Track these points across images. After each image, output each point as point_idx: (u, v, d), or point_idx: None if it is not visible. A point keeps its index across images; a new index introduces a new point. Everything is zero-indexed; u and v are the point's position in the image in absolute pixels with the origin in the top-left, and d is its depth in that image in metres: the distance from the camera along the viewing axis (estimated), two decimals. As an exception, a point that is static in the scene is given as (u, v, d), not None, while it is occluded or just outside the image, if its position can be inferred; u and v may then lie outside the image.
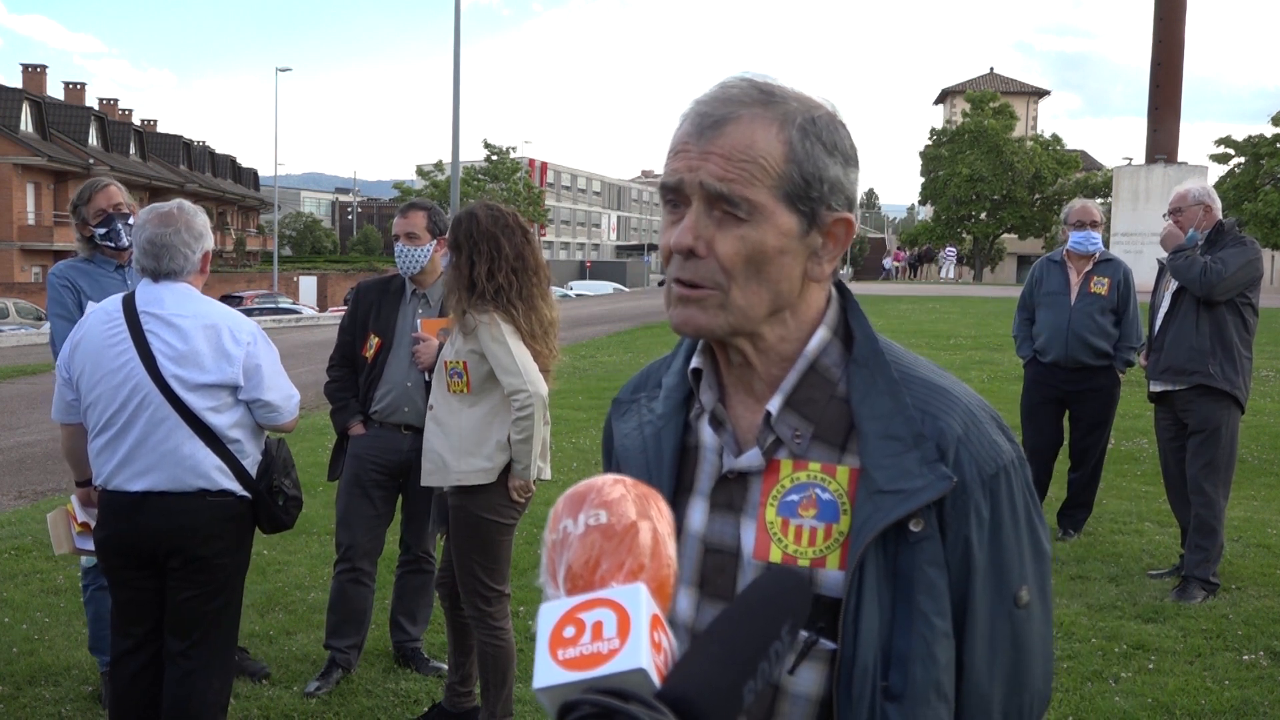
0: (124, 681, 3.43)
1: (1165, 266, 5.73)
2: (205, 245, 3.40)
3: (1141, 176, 31.01)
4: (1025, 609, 1.25)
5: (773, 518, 1.23)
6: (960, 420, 1.22)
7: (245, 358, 3.30)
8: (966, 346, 16.47)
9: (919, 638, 1.18)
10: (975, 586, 1.21)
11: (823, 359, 1.27)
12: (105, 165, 48.72)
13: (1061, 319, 6.45)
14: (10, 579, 5.95)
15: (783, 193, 1.21)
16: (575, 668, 0.81)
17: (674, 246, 1.21)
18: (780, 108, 1.22)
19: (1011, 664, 1.24)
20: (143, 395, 3.22)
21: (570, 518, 0.92)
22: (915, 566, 1.18)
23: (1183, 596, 5.38)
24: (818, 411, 1.25)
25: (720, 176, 1.18)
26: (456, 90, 27.08)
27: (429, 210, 4.60)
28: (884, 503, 1.18)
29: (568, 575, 0.89)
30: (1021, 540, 1.25)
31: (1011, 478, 1.24)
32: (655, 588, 0.88)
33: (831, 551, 1.21)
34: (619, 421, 1.44)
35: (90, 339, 3.31)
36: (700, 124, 1.21)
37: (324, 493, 7.06)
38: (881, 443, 1.20)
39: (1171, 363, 5.49)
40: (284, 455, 3.48)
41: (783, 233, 1.21)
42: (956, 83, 76.58)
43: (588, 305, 34.31)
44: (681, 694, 0.80)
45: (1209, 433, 5.44)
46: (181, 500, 3.26)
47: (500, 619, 3.92)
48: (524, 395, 3.75)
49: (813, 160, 1.22)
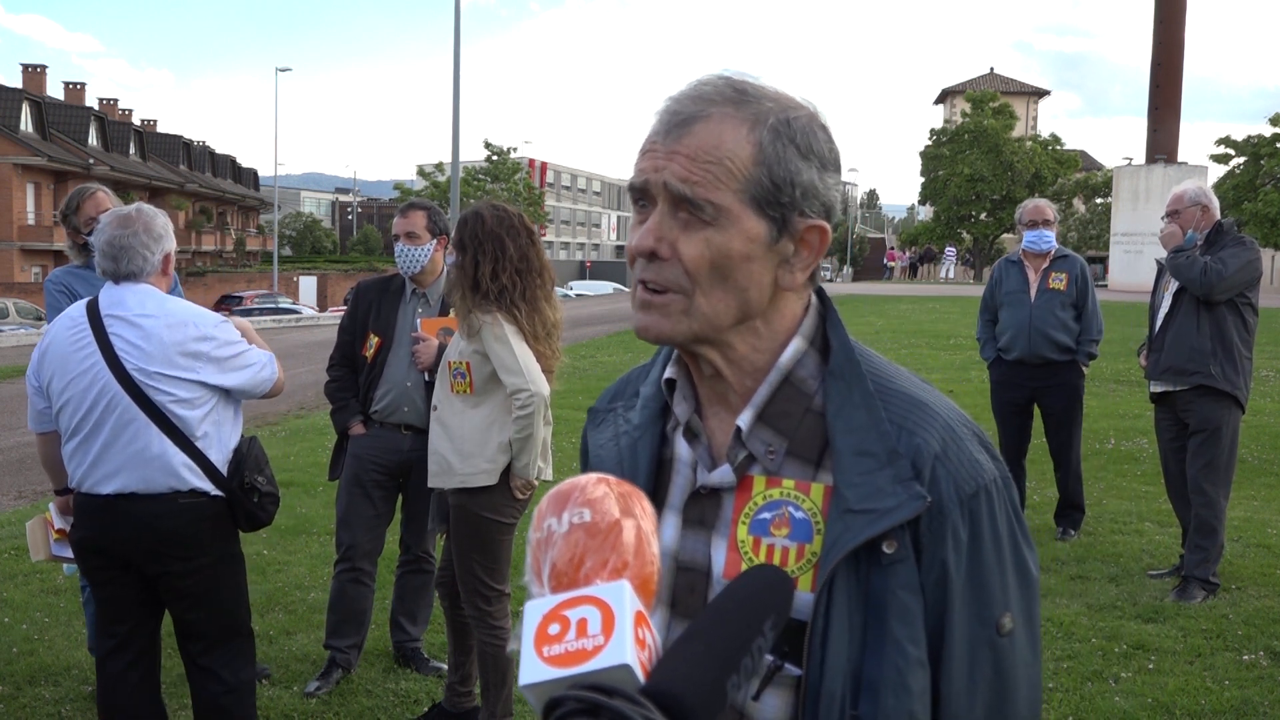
0: (110, 680, 3.43)
1: (1164, 267, 5.75)
2: (165, 247, 3.38)
3: (1141, 176, 31.02)
4: (1008, 637, 1.18)
5: (744, 536, 1.19)
6: (938, 436, 1.17)
7: (212, 349, 3.30)
8: (966, 346, 16.45)
9: (891, 665, 1.12)
10: (953, 612, 1.15)
11: (798, 371, 1.22)
12: (105, 165, 48.79)
13: (1023, 316, 6.52)
14: (10, 579, 5.96)
15: (749, 196, 1.16)
16: (560, 664, 0.82)
17: (636, 249, 1.17)
18: (753, 107, 1.17)
19: (995, 694, 1.18)
20: (110, 397, 3.23)
21: (554, 516, 0.92)
22: (888, 590, 1.13)
23: (1183, 596, 5.38)
24: (792, 426, 1.20)
25: (684, 178, 1.14)
26: (456, 90, 27.09)
27: (429, 210, 4.61)
28: (854, 523, 1.13)
29: (552, 573, 0.89)
30: (1004, 564, 1.18)
31: (993, 497, 1.18)
32: (639, 585, 0.88)
33: (804, 573, 1.15)
34: (594, 431, 1.39)
35: (56, 344, 3.33)
36: (669, 122, 1.17)
37: (324, 493, 7.07)
38: (854, 459, 1.15)
39: (1172, 363, 5.50)
40: (255, 452, 3.44)
41: (750, 238, 1.16)
42: (956, 83, 76.63)
43: (588, 305, 34.32)
44: (666, 689, 0.80)
45: (1209, 433, 5.44)
46: (153, 503, 3.25)
47: (500, 619, 3.93)
48: (525, 394, 3.76)
49: (784, 164, 1.16)
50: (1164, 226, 5.63)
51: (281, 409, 12.52)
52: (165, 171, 60.73)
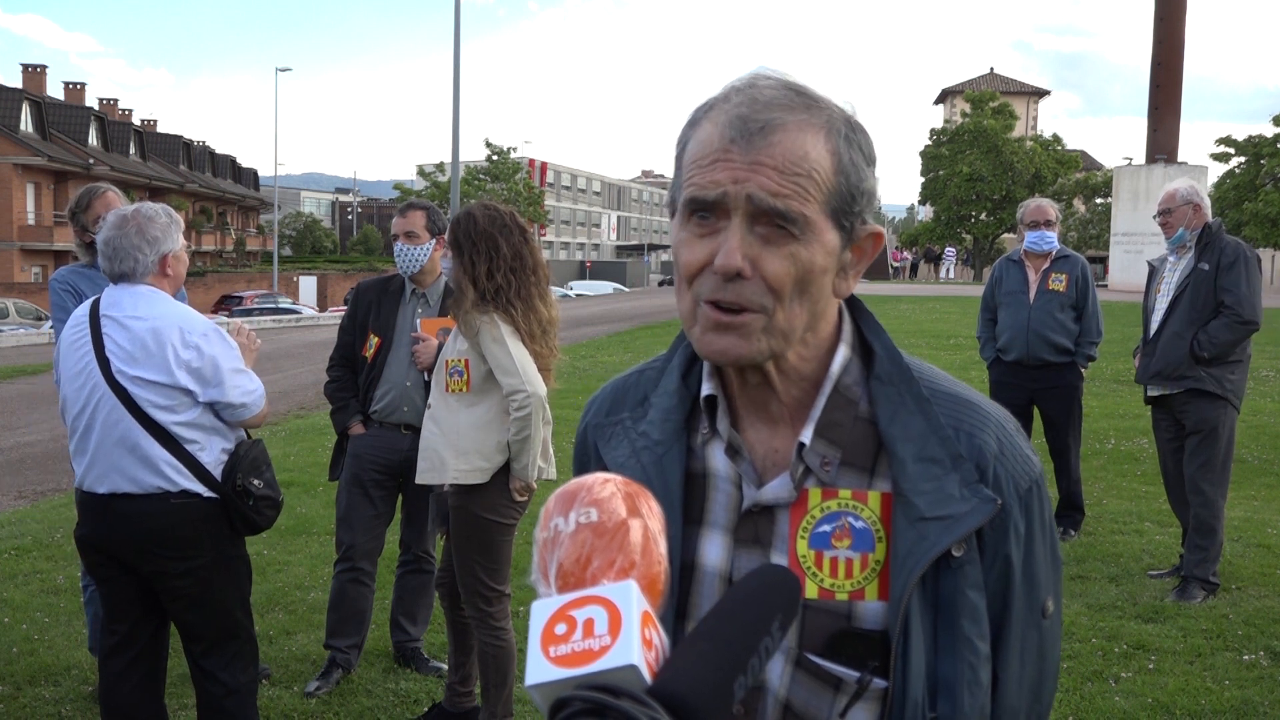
0: (111, 678, 3.44)
1: (1155, 268, 5.78)
2: (162, 248, 3.35)
3: (1141, 176, 31.02)
4: (1049, 619, 1.22)
5: (805, 551, 1.15)
6: (994, 436, 1.17)
7: (194, 359, 3.26)
8: (966, 346, 16.45)
9: (965, 664, 1.13)
10: (1014, 604, 1.17)
11: (844, 378, 1.19)
12: (105, 165, 48.76)
13: (1021, 317, 6.51)
14: (10, 579, 5.95)
15: (830, 208, 1.11)
16: (567, 665, 0.82)
17: (722, 269, 1.09)
18: (823, 114, 1.12)
19: (1036, 673, 1.21)
20: (100, 396, 3.25)
21: (561, 515, 0.92)
22: (958, 591, 1.13)
23: (1183, 596, 5.38)
24: (843, 435, 1.17)
25: (775, 191, 1.08)
26: (456, 90, 27.09)
27: (427, 210, 4.62)
28: (929, 530, 1.12)
29: (559, 573, 0.89)
30: (1049, 552, 1.21)
31: (1042, 490, 1.20)
32: (646, 585, 0.88)
33: (869, 582, 1.14)
34: (607, 448, 1.29)
35: (63, 343, 3.40)
36: (743, 130, 1.09)
37: (324, 493, 7.07)
38: (919, 466, 1.13)
39: (1161, 367, 5.52)
40: (254, 455, 3.41)
41: (828, 251, 1.12)
42: (956, 83, 76.63)
43: (588, 305, 34.31)
44: (673, 690, 0.80)
45: (1206, 433, 5.46)
46: (144, 502, 3.25)
47: (501, 619, 3.92)
48: (522, 395, 3.76)
49: (857, 171, 1.13)
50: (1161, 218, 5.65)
51: (281, 409, 12.52)
52: (165, 171, 60.70)
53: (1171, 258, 5.71)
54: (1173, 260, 5.70)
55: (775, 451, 1.19)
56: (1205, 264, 5.44)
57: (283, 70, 56.29)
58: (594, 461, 1.31)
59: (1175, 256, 5.68)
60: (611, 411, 1.32)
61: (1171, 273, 5.67)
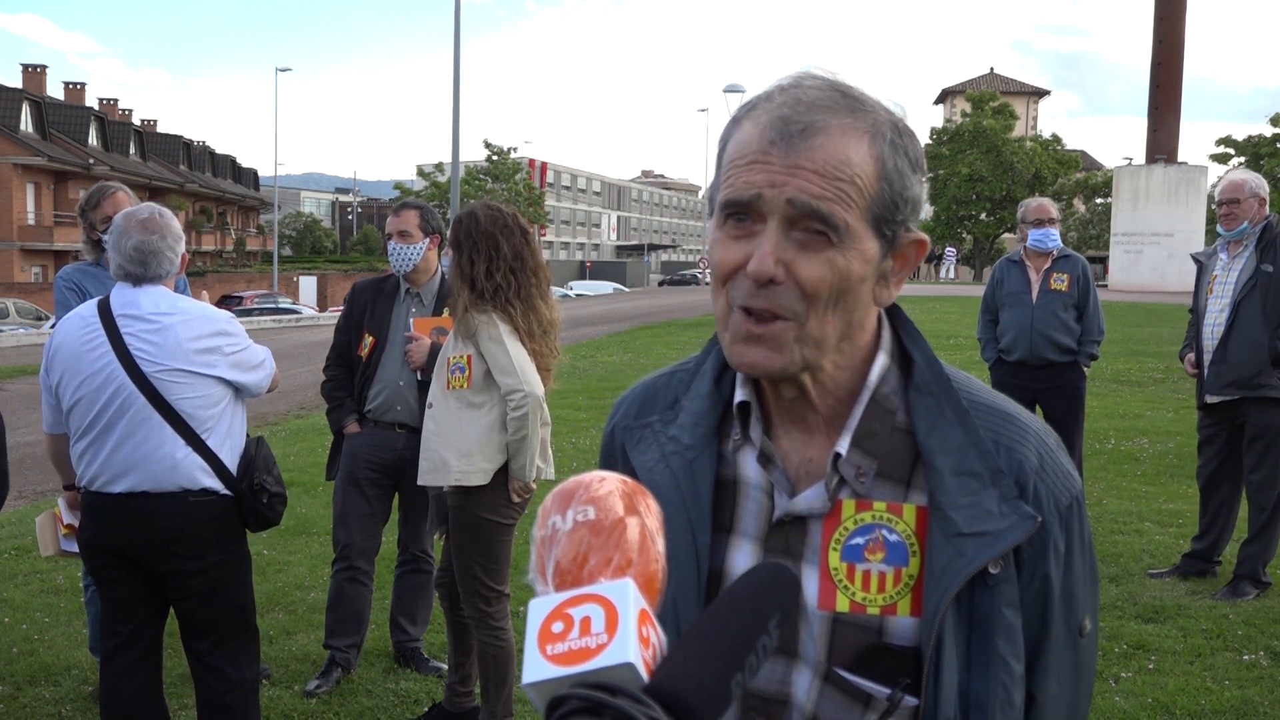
0: (113, 679, 3.44)
1: (1204, 265, 5.68)
2: (182, 247, 3.46)
3: (1141, 176, 31.03)
4: (1087, 638, 1.19)
5: (837, 563, 1.12)
6: (1035, 450, 1.13)
7: (228, 345, 3.35)
8: (967, 346, 16.45)
9: (998, 683, 1.10)
10: (1052, 623, 1.14)
11: (881, 388, 1.16)
12: (105, 165, 48.77)
13: (1024, 317, 6.48)
14: (10, 579, 5.96)
15: (872, 215, 1.08)
16: (563, 663, 0.82)
17: (755, 274, 1.06)
18: (869, 117, 1.09)
19: (1072, 692, 1.19)
20: (124, 397, 3.24)
21: (558, 514, 0.91)
22: (994, 609, 1.10)
23: (1234, 594, 5.40)
24: (880, 446, 1.14)
25: (816, 195, 1.05)
26: (456, 90, 27.09)
27: (421, 209, 4.63)
28: (966, 547, 1.08)
29: (556, 571, 0.89)
30: (1087, 569, 1.18)
31: (1082, 506, 1.16)
32: (643, 583, 0.88)
33: (902, 597, 1.11)
34: (636, 452, 1.25)
35: (66, 345, 3.33)
36: (783, 132, 1.06)
37: (324, 493, 7.05)
38: (957, 480, 1.10)
39: (1236, 377, 5.41)
40: (264, 453, 3.48)
41: (866, 259, 1.09)
42: (956, 83, 76.68)
43: (588, 305, 34.32)
44: (669, 688, 0.80)
45: (1270, 439, 5.41)
46: (163, 501, 3.26)
47: (500, 619, 3.92)
48: (519, 395, 3.76)
49: (901, 178, 1.10)
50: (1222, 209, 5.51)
51: (281, 409, 12.52)
52: (165, 171, 60.74)
53: (1223, 255, 5.58)
54: (1224, 258, 5.56)
55: (809, 460, 1.16)
56: (1268, 265, 5.32)
57: (282, 70, 56.42)
58: (621, 464, 1.27)
59: (1226, 255, 5.55)
60: (640, 414, 1.28)
61: (1226, 272, 5.53)
